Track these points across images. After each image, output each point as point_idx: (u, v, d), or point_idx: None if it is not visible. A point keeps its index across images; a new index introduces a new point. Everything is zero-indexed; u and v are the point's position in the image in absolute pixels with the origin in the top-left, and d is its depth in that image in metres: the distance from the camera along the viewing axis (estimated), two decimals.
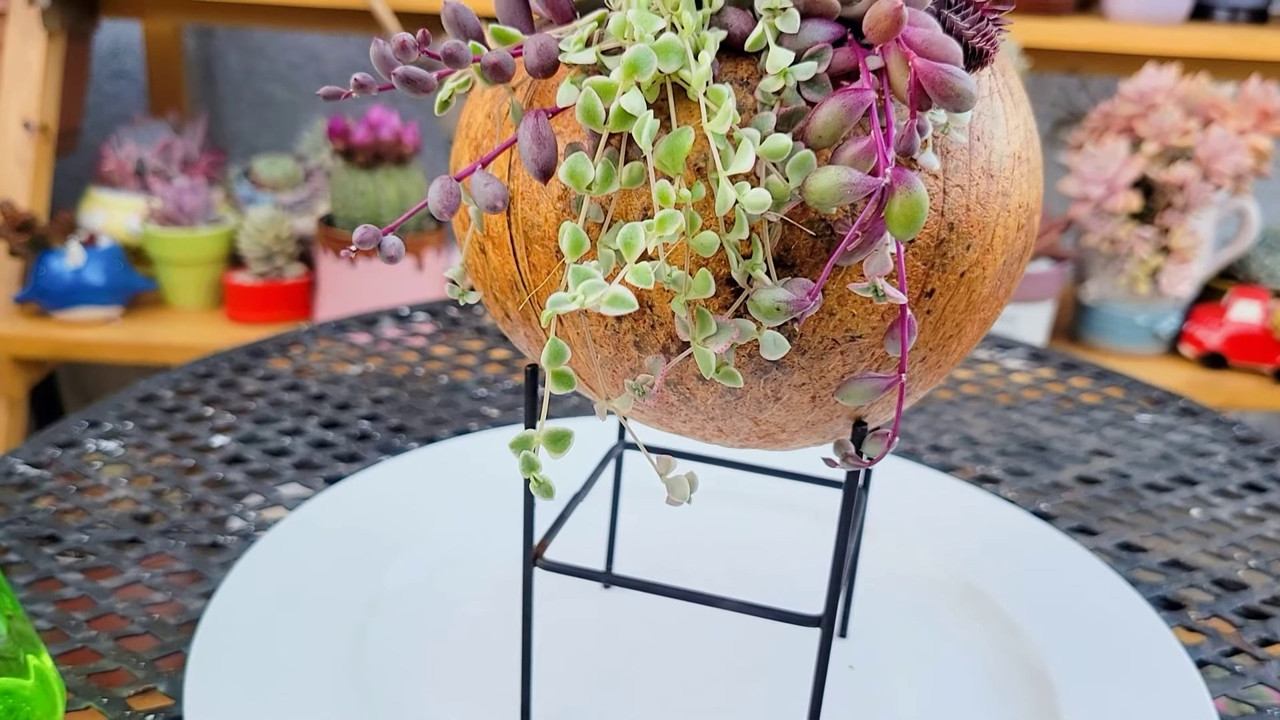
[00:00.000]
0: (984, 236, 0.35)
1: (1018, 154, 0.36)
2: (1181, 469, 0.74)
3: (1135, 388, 0.86)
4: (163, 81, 1.70)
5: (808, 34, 0.32)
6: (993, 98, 0.36)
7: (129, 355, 1.36)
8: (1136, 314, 1.42)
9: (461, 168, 0.38)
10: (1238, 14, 1.46)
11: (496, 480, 0.61)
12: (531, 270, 0.35)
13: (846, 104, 0.30)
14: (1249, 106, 1.33)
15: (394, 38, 0.30)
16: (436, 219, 1.34)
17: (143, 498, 0.63)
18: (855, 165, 0.30)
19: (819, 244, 0.32)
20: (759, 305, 0.30)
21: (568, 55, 0.32)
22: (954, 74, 0.29)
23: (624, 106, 0.29)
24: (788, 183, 0.30)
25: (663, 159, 0.30)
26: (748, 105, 0.32)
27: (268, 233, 1.37)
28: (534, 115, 0.31)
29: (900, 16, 0.30)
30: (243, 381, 0.78)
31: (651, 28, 0.30)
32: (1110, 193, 1.32)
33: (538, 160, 0.31)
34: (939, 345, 0.36)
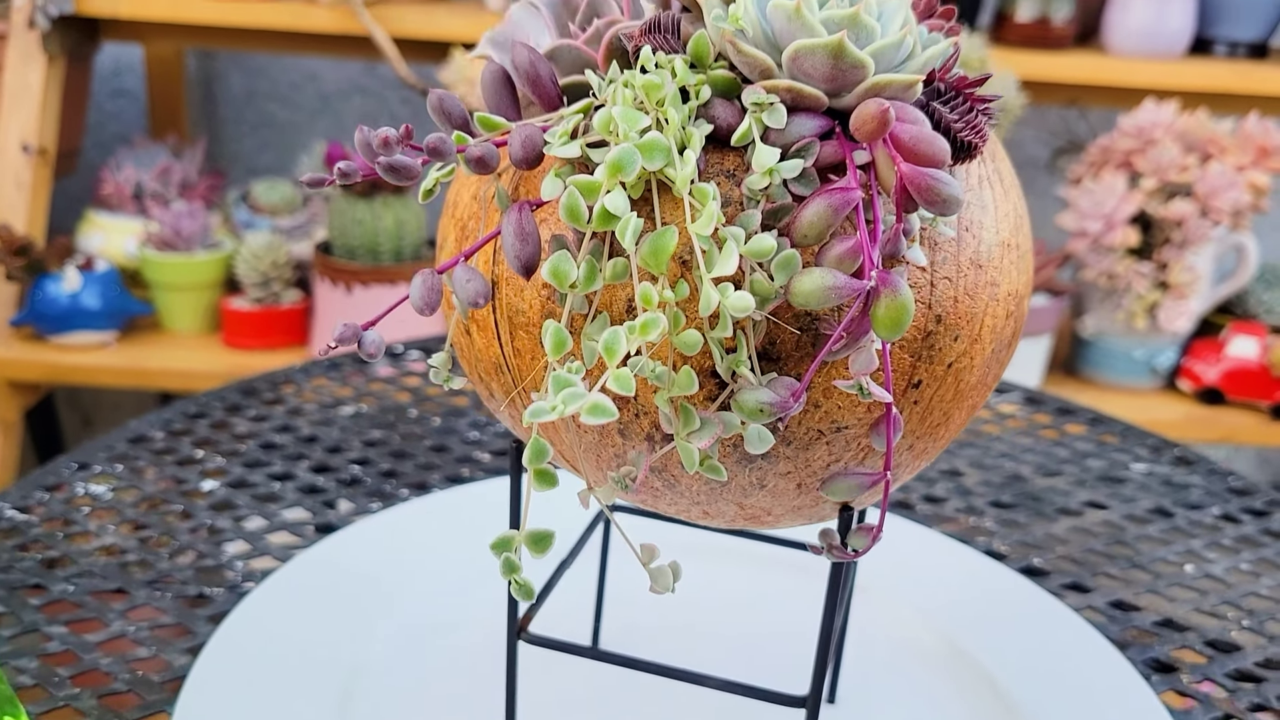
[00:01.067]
0: (972, 327, 0.34)
1: (1006, 242, 0.36)
2: (1176, 522, 0.73)
3: (1131, 435, 0.85)
4: (163, 101, 1.70)
5: (795, 128, 0.32)
6: (982, 186, 0.35)
7: (124, 380, 1.36)
8: (1134, 348, 1.41)
9: (447, 246, 0.38)
10: (1237, 49, 1.46)
11: (486, 539, 0.60)
12: (516, 355, 0.35)
13: (832, 203, 0.30)
14: (1247, 142, 1.33)
15: (377, 133, 0.30)
16: (434, 244, 1.34)
17: (130, 545, 0.63)
18: (840, 265, 0.30)
19: (804, 338, 0.32)
20: (743, 406, 0.30)
21: (552, 148, 0.31)
22: (940, 180, 0.29)
23: (608, 207, 0.29)
24: (772, 281, 0.30)
25: (646, 258, 0.29)
26: (733, 198, 0.32)
27: (265, 258, 1.37)
28: (518, 209, 0.31)
29: (887, 119, 0.29)
30: (234, 422, 0.78)
31: (636, 125, 0.30)
32: (1108, 228, 1.32)
33: (520, 257, 0.30)
34: (926, 434, 0.36)
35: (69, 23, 1.40)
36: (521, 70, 0.33)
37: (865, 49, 0.31)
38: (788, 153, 0.32)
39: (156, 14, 1.37)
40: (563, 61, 0.35)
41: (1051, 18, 1.40)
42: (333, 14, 1.36)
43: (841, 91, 0.32)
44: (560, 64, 0.35)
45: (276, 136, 1.85)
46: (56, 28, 1.38)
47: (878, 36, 0.32)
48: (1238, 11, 1.44)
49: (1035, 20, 1.40)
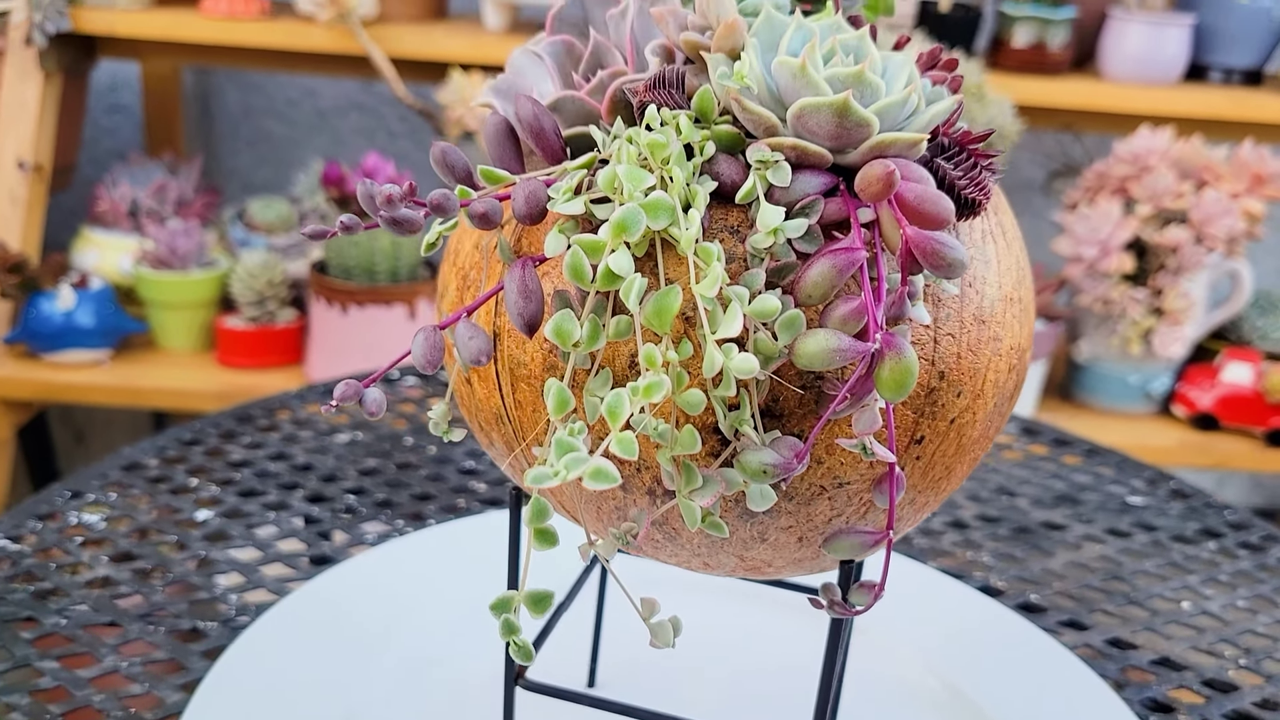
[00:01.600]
0: (975, 383, 0.34)
1: (1009, 296, 0.36)
2: (1173, 556, 0.73)
3: (1127, 466, 0.85)
4: (160, 117, 1.70)
5: (799, 186, 0.32)
6: (985, 241, 0.35)
7: (118, 399, 1.36)
8: (1129, 373, 1.42)
9: (448, 294, 0.37)
10: (1232, 75, 1.47)
11: (482, 573, 0.60)
12: (517, 407, 0.35)
13: (837, 264, 0.30)
14: (1242, 170, 1.33)
15: (381, 190, 0.30)
16: (429, 264, 1.33)
17: (124, 577, 0.63)
18: (845, 325, 0.30)
19: (808, 395, 0.32)
20: (746, 467, 0.30)
21: (556, 204, 0.31)
22: (946, 244, 0.29)
23: (612, 267, 0.29)
24: (776, 341, 0.30)
25: (650, 318, 0.29)
26: (737, 254, 0.32)
27: (260, 277, 1.37)
28: (521, 266, 0.31)
29: (892, 180, 0.29)
30: (229, 449, 0.78)
31: (641, 185, 0.30)
32: (1104, 254, 1.32)
33: (523, 315, 0.30)
34: (928, 487, 0.36)
35: (66, 40, 1.40)
36: (525, 123, 0.33)
37: (870, 107, 0.31)
38: (792, 210, 0.32)
39: (153, 32, 1.37)
40: (566, 113, 0.35)
41: (1048, 44, 1.40)
42: (330, 33, 1.36)
43: (846, 148, 0.32)
44: (564, 115, 0.35)
45: (273, 152, 1.85)
46: (54, 45, 1.38)
47: (882, 94, 0.32)
48: (1233, 39, 1.45)
49: (1032, 46, 1.40)
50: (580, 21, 0.38)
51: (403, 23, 1.43)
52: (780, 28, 0.34)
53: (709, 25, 0.35)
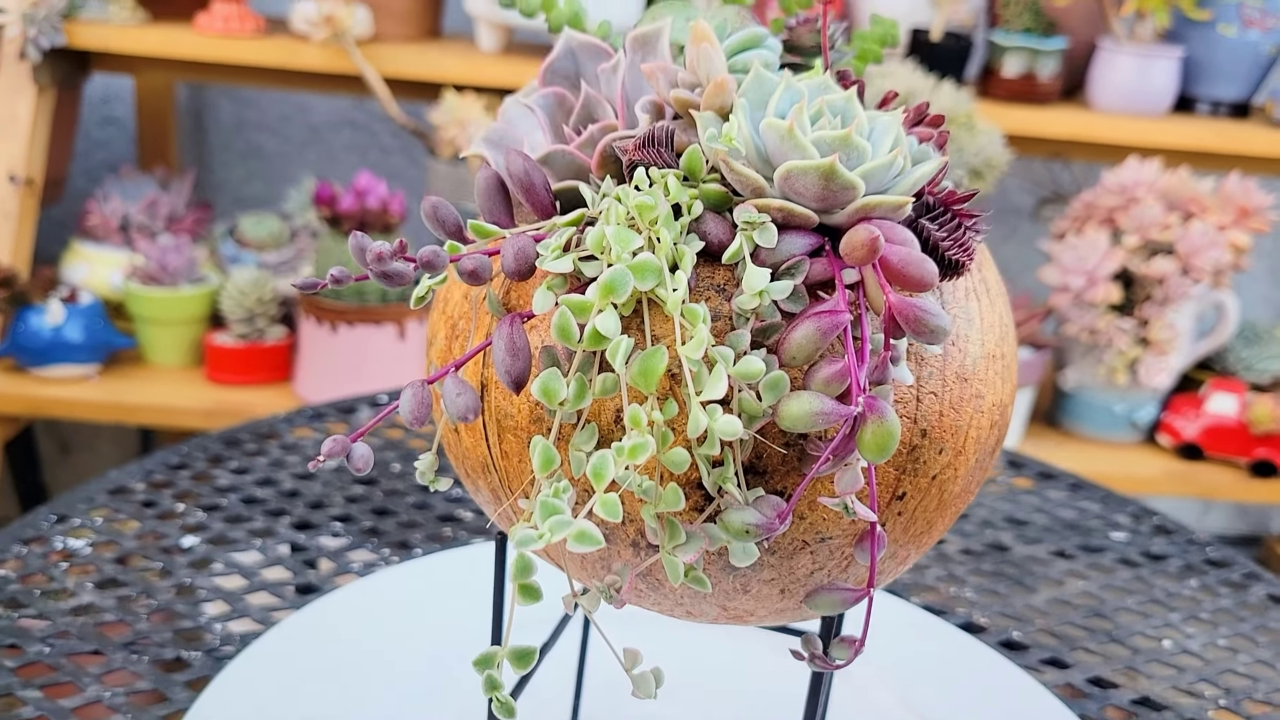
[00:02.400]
0: (957, 440, 0.35)
1: (992, 353, 0.36)
2: (1155, 594, 0.74)
3: (1111, 501, 0.86)
4: (153, 130, 1.70)
5: (785, 247, 0.32)
6: (969, 299, 0.36)
7: (105, 415, 1.35)
8: (1115, 402, 1.42)
9: (437, 342, 0.38)
10: (1219, 108, 1.48)
11: (467, 608, 0.60)
12: (504, 457, 0.35)
13: (821, 327, 0.30)
14: (1228, 202, 1.34)
15: (372, 248, 0.30)
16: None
17: (108, 604, 0.63)
18: (828, 387, 0.30)
19: (791, 453, 0.32)
20: (729, 526, 0.30)
21: (545, 261, 0.32)
22: (928, 312, 0.29)
23: (599, 328, 0.29)
24: (760, 401, 0.30)
25: (636, 378, 0.30)
26: (723, 313, 0.32)
27: (250, 294, 1.37)
28: (509, 323, 0.31)
29: (876, 246, 0.30)
30: (216, 474, 0.78)
31: (629, 246, 0.30)
32: (1090, 284, 1.33)
33: (511, 372, 0.30)
34: (909, 542, 0.36)
35: (60, 54, 1.40)
36: (515, 177, 0.34)
37: (856, 170, 0.32)
38: (778, 271, 0.32)
39: (148, 48, 1.37)
40: (557, 166, 0.36)
41: (1038, 74, 1.41)
42: (325, 52, 1.36)
43: (832, 209, 0.32)
44: (554, 168, 0.36)
45: (265, 167, 1.85)
46: (47, 59, 1.38)
47: (868, 157, 0.32)
48: (1220, 71, 1.46)
49: (1022, 76, 1.41)
50: (572, 74, 0.38)
51: (397, 42, 1.44)
52: (769, 87, 0.34)
53: (699, 82, 0.35)
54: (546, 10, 0.44)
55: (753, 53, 0.36)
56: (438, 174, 1.42)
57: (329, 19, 1.31)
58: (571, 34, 0.38)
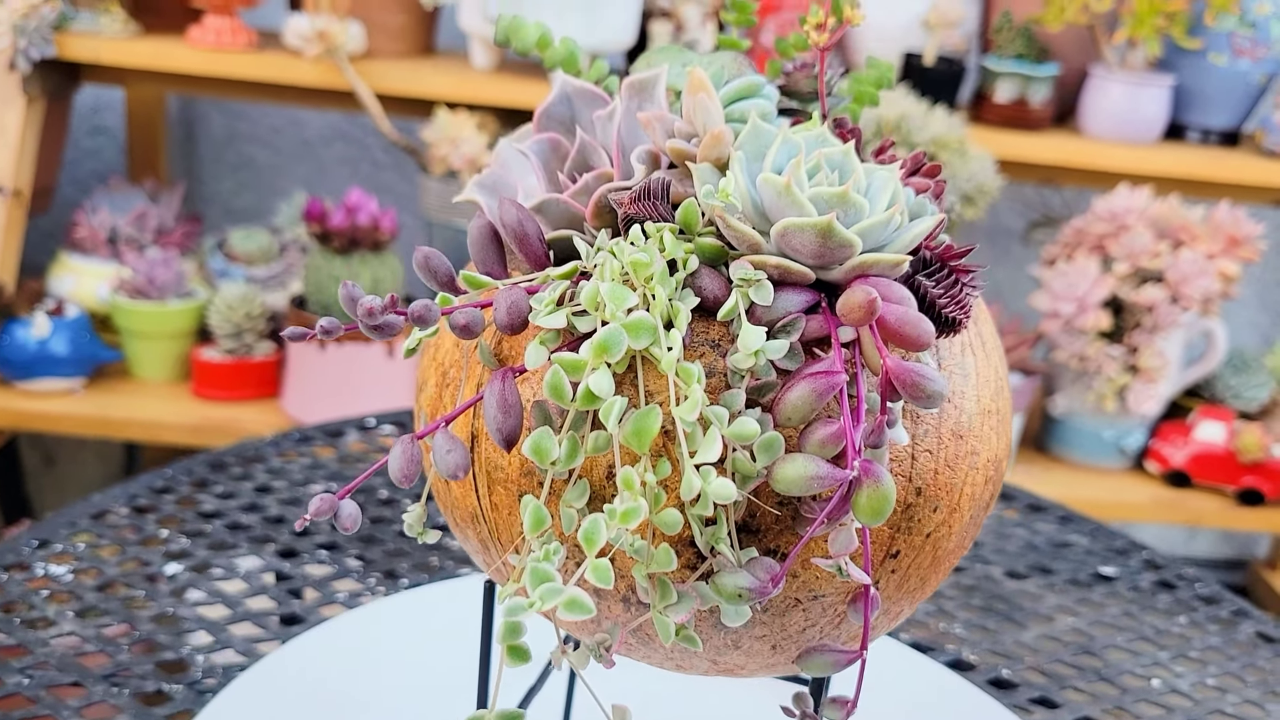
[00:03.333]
0: (951, 497, 0.34)
1: (987, 409, 0.36)
2: (1144, 630, 0.74)
3: (1100, 535, 0.86)
4: (143, 141, 1.69)
5: (781, 304, 0.32)
6: (964, 354, 0.35)
7: (90, 429, 1.34)
8: (1103, 429, 1.43)
9: (427, 389, 0.37)
10: (1210, 136, 1.49)
11: (453, 645, 0.59)
12: (493, 509, 0.35)
13: (816, 388, 0.30)
14: (1218, 231, 1.35)
15: (363, 303, 0.29)
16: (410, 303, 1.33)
17: (89, 634, 0.62)
18: (823, 449, 0.30)
19: (784, 511, 0.32)
20: (722, 590, 0.30)
21: (538, 316, 0.31)
22: (926, 377, 0.29)
23: (592, 388, 0.29)
24: (755, 462, 0.30)
25: (629, 438, 0.29)
26: (718, 369, 0.32)
27: (239, 310, 1.36)
28: (500, 378, 0.31)
29: (874, 308, 0.29)
30: (201, 498, 0.77)
31: (623, 304, 0.30)
32: (1081, 310, 1.33)
33: (502, 430, 0.30)
34: (903, 598, 0.36)
35: (50, 65, 1.39)
36: (509, 227, 0.33)
37: (853, 227, 0.32)
38: (773, 328, 0.32)
39: (139, 61, 1.36)
40: (551, 214, 0.35)
41: (1030, 100, 1.41)
42: (317, 68, 1.35)
43: (829, 266, 0.32)
44: (548, 217, 0.35)
45: (256, 179, 1.84)
46: (37, 70, 1.37)
47: (866, 213, 0.32)
48: (1211, 100, 1.47)
49: (1014, 101, 1.42)
50: (567, 119, 0.38)
51: (390, 58, 1.43)
52: (766, 139, 0.34)
53: (695, 132, 0.35)
54: (541, 49, 0.43)
55: (749, 102, 0.36)
56: (429, 191, 1.42)
57: (322, 35, 1.31)
58: (567, 79, 0.38)
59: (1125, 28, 1.38)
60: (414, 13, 1.44)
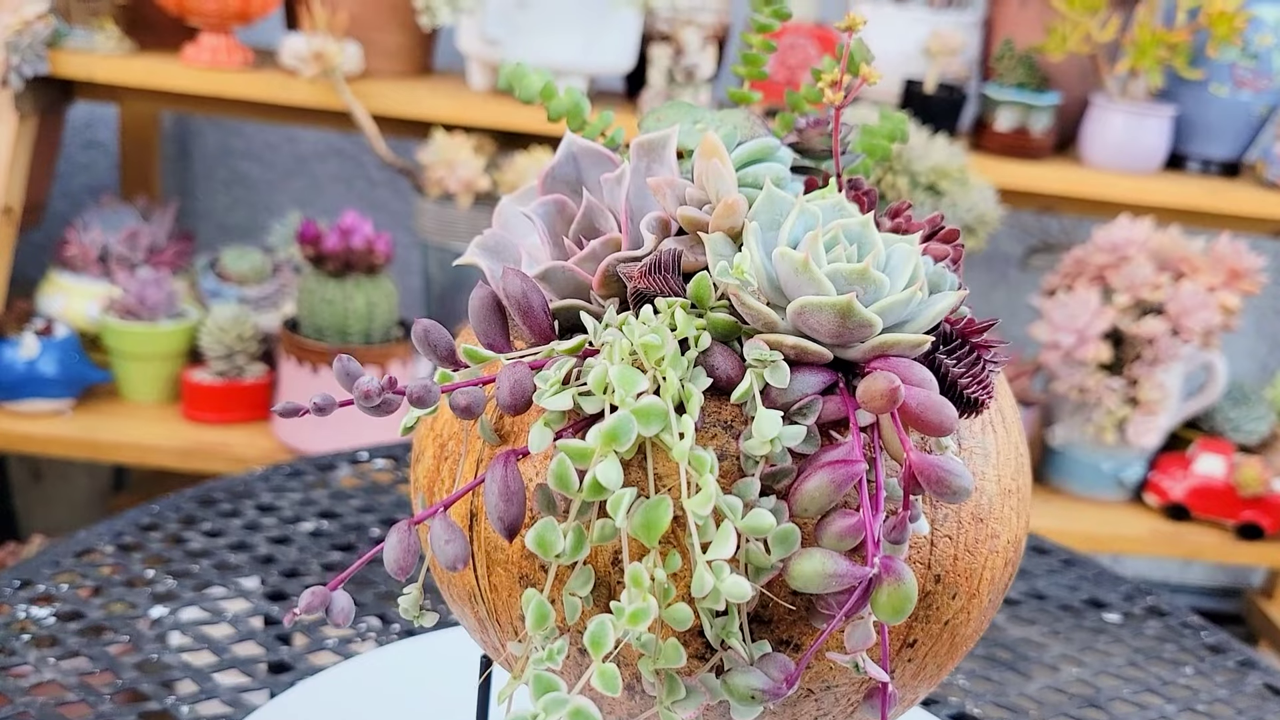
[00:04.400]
0: (971, 583, 0.33)
1: (1008, 488, 0.34)
2: (1150, 681, 0.72)
3: (1104, 580, 0.84)
4: (136, 157, 1.67)
5: (798, 386, 0.30)
6: (985, 432, 0.34)
7: (78, 451, 1.33)
8: (1102, 460, 1.41)
9: (424, 460, 0.36)
10: (1210, 166, 1.48)
11: (447, 703, 0.58)
12: (492, 590, 0.33)
13: (835, 479, 0.28)
14: (1219, 263, 1.34)
15: (360, 385, 0.28)
16: (404, 327, 1.31)
17: (70, 681, 0.60)
18: (840, 542, 0.29)
19: (799, 601, 0.31)
20: (733, 690, 0.28)
21: (543, 396, 0.30)
22: (951, 472, 0.27)
23: (599, 479, 0.27)
24: (769, 554, 0.29)
25: (638, 530, 0.28)
26: (730, 452, 0.31)
27: (230, 332, 1.34)
28: (503, 463, 0.29)
29: (896, 397, 0.28)
30: (188, 536, 0.75)
31: (633, 389, 0.28)
32: (1081, 342, 1.32)
33: (504, 518, 0.29)
34: (920, 684, 0.34)
35: (43, 82, 1.38)
36: (513, 299, 0.32)
37: (873, 306, 0.30)
38: (789, 410, 0.30)
39: (133, 79, 1.35)
40: (556, 282, 0.34)
41: (1030, 129, 1.41)
42: (314, 88, 1.34)
43: (848, 345, 0.31)
44: (553, 284, 0.34)
45: (249, 195, 1.83)
46: (30, 87, 1.35)
47: (886, 290, 0.31)
48: (1212, 131, 1.46)
49: (1014, 130, 1.41)
50: (574, 180, 0.37)
51: (387, 78, 1.42)
52: (782, 208, 0.33)
53: (708, 199, 0.34)
54: (546, 99, 0.42)
55: (763, 166, 0.35)
56: (425, 213, 1.40)
57: (318, 56, 1.29)
58: (574, 139, 0.36)
59: (1127, 58, 1.38)
60: (412, 33, 1.43)
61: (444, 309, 1.47)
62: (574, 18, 1.32)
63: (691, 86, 1.38)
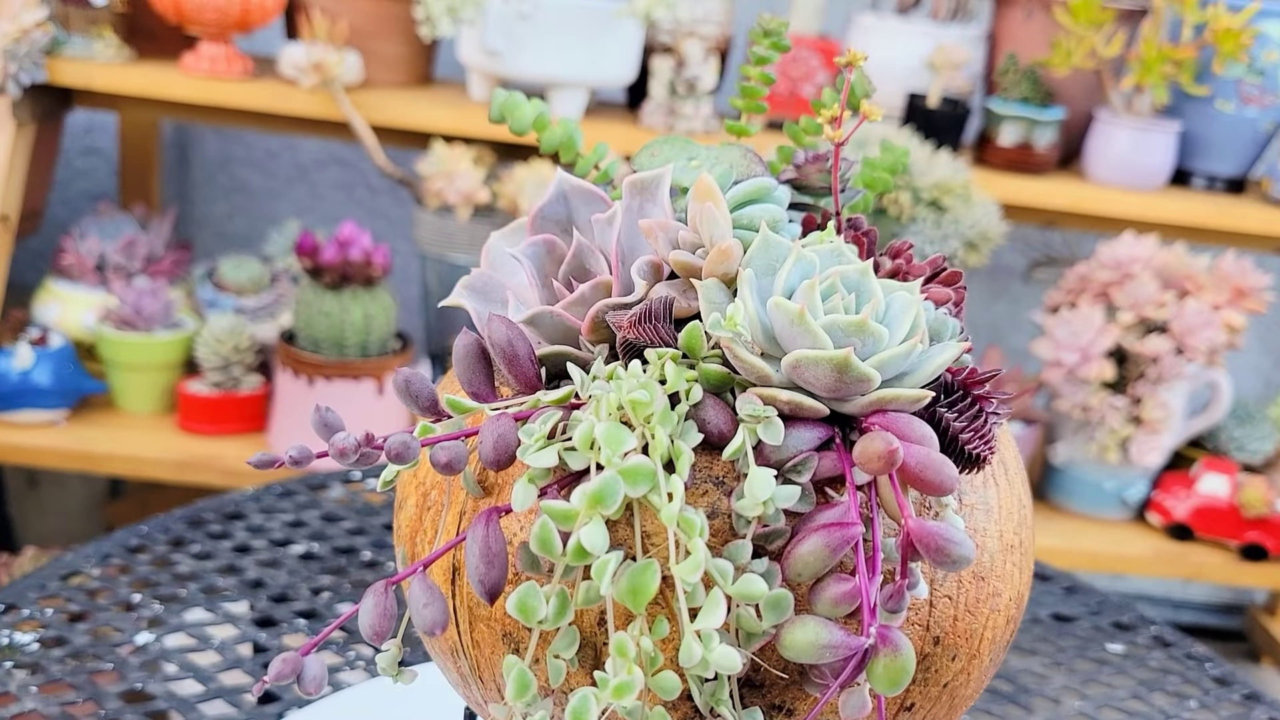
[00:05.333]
0: (971, 644, 0.32)
1: (1010, 543, 0.33)
2: (1154, 716, 0.71)
3: (1106, 608, 0.83)
4: (136, 164, 1.66)
5: (792, 442, 0.29)
6: (986, 485, 0.33)
7: (73, 463, 1.31)
8: (1105, 479, 1.40)
9: (406, 508, 0.35)
10: (1215, 183, 1.47)
11: None
12: (474, 646, 0.32)
13: (830, 543, 0.27)
14: (1224, 281, 1.33)
15: (336, 442, 0.27)
16: (402, 339, 1.30)
17: (52, 712, 0.59)
18: (835, 608, 0.27)
19: (791, 666, 0.29)
20: None
21: (527, 452, 0.29)
22: (951, 540, 0.26)
23: (584, 543, 0.26)
24: (761, 620, 0.28)
25: (624, 596, 0.27)
26: (721, 509, 0.30)
27: (227, 343, 1.33)
28: (485, 523, 0.28)
29: (894, 459, 0.27)
30: (176, 559, 0.74)
31: (620, 448, 0.27)
32: (1084, 360, 1.31)
33: (485, 581, 0.27)
34: None
35: (41, 90, 1.37)
36: (499, 347, 0.31)
37: (872, 359, 0.29)
38: (783, 467, 0.29)
39: (132, 88, 1.34)
40: (544, 327, 0.33)
41: (1034, 144, 1.39)
42: (313, 98, 1.33)
43: (845, 399, 0.30)
44: (541, 329, 0.33)
45: (249, 203, 1.82)
46: (28, 95, 1.34)
47: (885, 342, 0.30)
48: (1217, 147, 1.45)
49: (1018, 145, 1.40)
50: (564, 219, 0.35)
51: (387, 88, 1.41)
52: (778, 254, 0.32)
53: (701, 242, 0.32)
54: (539, 130, 0.41)
55: (759, 207, 0.34)
56: (424, 224, 1.39)
57: (318, 66, 1.28)
58: (565, 178, 0.35)
59: (1132, 74, 1.36)
60: (412, 44, 1.42)
61: (441, 321, 1.46)
62: (575, 29, 1.31)
63: (693, 98, 1.37)
